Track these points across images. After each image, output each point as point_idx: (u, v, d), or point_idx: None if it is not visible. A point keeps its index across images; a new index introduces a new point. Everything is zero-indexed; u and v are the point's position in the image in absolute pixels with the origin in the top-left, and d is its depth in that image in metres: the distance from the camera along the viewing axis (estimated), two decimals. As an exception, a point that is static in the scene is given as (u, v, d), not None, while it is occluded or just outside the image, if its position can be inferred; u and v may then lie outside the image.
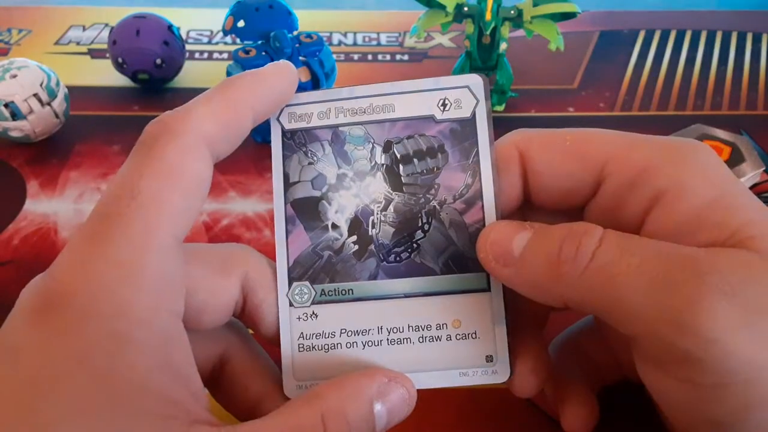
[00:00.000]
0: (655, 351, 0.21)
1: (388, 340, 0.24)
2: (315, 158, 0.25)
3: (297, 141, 0.25)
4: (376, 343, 0.24)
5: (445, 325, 0.24)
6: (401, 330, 0.24)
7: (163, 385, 0.19)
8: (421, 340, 0.24)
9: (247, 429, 0.20)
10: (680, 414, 0.22)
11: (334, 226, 0.25)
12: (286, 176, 0.25)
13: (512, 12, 0.46)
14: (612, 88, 0.52)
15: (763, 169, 0.39)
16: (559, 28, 0.46)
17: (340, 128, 0.25)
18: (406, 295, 0.24)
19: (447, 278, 0.25)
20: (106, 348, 0.19)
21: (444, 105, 0.25)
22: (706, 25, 0.59)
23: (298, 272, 0.25)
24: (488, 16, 0.45)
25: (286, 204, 0.25)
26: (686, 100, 0.51)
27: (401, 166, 0.25)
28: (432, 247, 0.25)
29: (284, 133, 0.25)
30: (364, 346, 0.24)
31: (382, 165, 0.25)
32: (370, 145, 0.25)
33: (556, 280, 0.22)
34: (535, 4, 0.46)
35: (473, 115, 0.25)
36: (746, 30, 0.58)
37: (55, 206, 0.41)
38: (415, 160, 0.25)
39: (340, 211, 0.25)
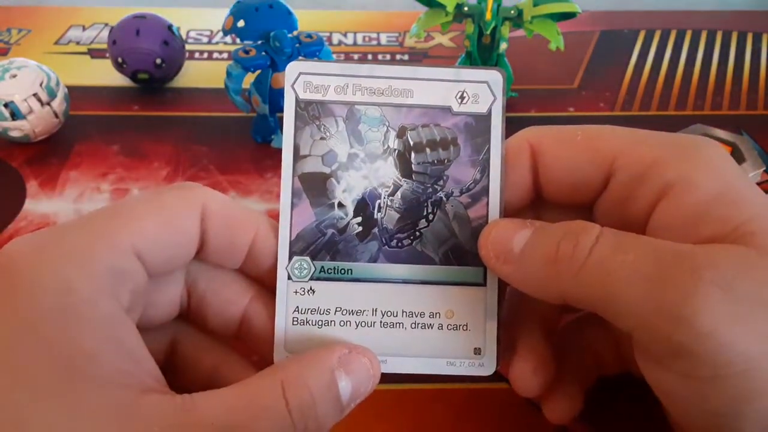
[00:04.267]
0: (652, 345, 0.21)
1: (381, 322, 0.25)
2: (328, 134, 0.25)
3: (311, 113, 0.25)
4: (369, 324, 0.25)
5: (438, 314, 0.25)
6: (395, 314, 0.25)
7: (112, 356, 0.20)
8: (413, 326, 0.25)
9: (205, 397, 0.20)
10: (680, 407, 0.22)
11: (340, 205, 0.25)
12: (296, 148, 0.25)
13: (512, 12, 0.46)
14: (612, 88, 0.52)
15: (764, 169, 0.39)
16: (559, 28, 0.46)
17: (356, 106, 0.25)
18: (404, 281, 0.25)
19: (445, 269, 0.25)
20: (53, 319, 0.19)
21: (462, 98, 0.25)
22: (707, 25, 0.59)
23: (299, 246, 0.25)
24: (488, 15, 0.45)
25: (294, 176, 0.25)
26: (686, 99, 0.51)
27: (413, 154, 0.25)
28: (434, 237, 0.25)
29: (298, 102, 0.25)
30: (357, 325, 0.25)
31: (395, 150, 0.25)
32: (385, 128, 0.25)
33: (554, 277, 0.22)
34: (535, 4, 0.46)
35: (489, 111, 0.25)
36: (746, 30, 0.58)
37: (54, 206, 0.41)
38: (428, 149, 0.25)
39: (347, 190, 0.25)
